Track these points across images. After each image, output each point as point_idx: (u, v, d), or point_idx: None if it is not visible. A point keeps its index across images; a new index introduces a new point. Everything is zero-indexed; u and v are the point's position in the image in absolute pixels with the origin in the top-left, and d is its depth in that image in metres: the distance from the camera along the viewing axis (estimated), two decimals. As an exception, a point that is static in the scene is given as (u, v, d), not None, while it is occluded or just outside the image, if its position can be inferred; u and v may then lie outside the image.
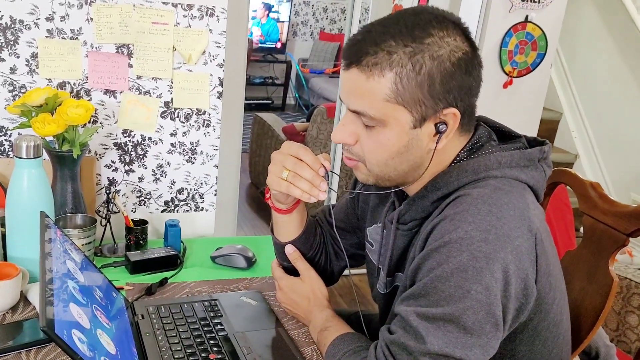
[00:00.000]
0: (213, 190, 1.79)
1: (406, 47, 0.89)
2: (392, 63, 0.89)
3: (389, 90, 0.90)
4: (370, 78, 0.90)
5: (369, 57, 0.90)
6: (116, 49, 1.59)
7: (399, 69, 0.89)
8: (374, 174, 0.99)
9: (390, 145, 0.94)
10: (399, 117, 0.92)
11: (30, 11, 1.50)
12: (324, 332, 1.09)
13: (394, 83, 0.89)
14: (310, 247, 1.24)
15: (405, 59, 0.89)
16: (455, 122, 0.94)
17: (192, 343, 1.11)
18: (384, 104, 0.91)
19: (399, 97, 0.90)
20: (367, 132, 0.95)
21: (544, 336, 1.00)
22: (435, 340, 0.86)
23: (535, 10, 2.85)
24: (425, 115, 0.92)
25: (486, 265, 0.86)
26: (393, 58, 0.89)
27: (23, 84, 1.54)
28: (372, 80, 0.90)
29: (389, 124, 0.92)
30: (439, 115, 0.92)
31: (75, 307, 0.92)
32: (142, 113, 1.65)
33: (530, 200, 0.94)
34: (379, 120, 0.92)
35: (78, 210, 1.45)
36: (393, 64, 0.89)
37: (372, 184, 1.02)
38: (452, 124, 0.94)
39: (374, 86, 0.90)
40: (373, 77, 0.90)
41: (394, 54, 0.89)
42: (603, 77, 3.96)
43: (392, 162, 0.96)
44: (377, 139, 0.94)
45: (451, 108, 0.92)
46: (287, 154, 1.05)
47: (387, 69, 0.89)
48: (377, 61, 0.89)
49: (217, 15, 1.64)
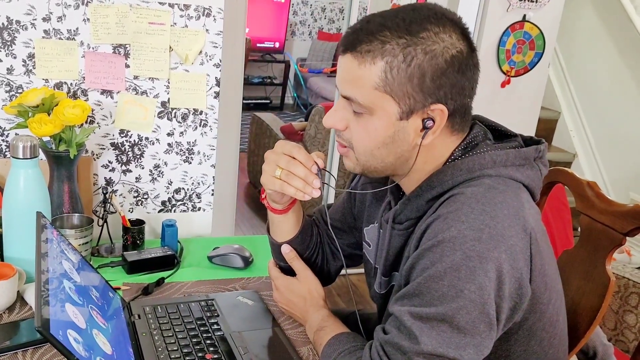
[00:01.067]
0: (210, 190, 1.79)
1: (400, 38, 0.90)
2: (384, 52, 0.90)
3: (379, 78, 0.91)
4: (362, 65, 0.92)
5: (364, 44, 0.91)
6: (113, 49, 1.59)
7: (390, 58, 0.90)
8: (360, 163, 1.00)
9: (377, 135, 0.95)
10: (386, 107, 0.93)
11: (27, 12, 1.50)
12: (320, 331, 1.09)
13: (383, 72, 0.91)
14: (307, 247, 1.24)
15: (397, 49, 0.90)
16: (442, 119, 0.94)
17: (188, 343, 1.11)
18: (373, 92, 0.92)
19: (387, 86, 0.91)
20: (356, 119, 0.97)
21: (540, 336, 1.00)
22: (429, 340, 0.87)
23: (533, 9, 2.85)
24: (413, 108, 0.93)
25: (479, 265, 0.86)
26: (386, 47, 0.90)
27: (20, 85, 1.54)
28: (364, 67, 0.92)
29: (376, 113, 0.94)
30: (427, 110, 0.93)
31: (72, 307, 0.92)
32: (139, 113, 1.65)
33: (525, 200, 0.95)
34: (367, 108, 0.94)
35: (75, 210, 1.45)
36: (385, 52, 0.90)
37: (359, 173, 1.04)
38: (439, 121, 0.94)
39: (364, 73, 0.92)
40: (365, 64, 0.92)
41: (387, 44, 0.90)
42: (601, 76, 3.96)
43: (377, 153, 0.97)
44: (364, 127, 0.96)
45: (439, 104, 0.93)
46: (280, 152, 1.06)
47: (379, 57, 0.91)
48: (370, 49, 0.91)
49: (213, 15, 1.64)
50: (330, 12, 7.26)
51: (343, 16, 7.19)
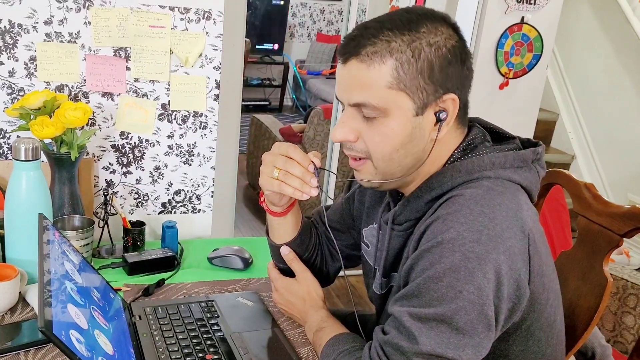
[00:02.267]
0: (210, 191, 1.80)
1: (403, 35, 0.91)
2: (391, 50, 0.91)
3: (390, 76, 0.91)
4: (371, 67, 0.92)
5: (368, 47, 0.92)
6: (114, 52, 1.60)
7: (399, 55, 0.91)
8: (380, 172, 0.99)
9: (395, 136, 0.95)
10: (402, 104, 0.93)
11: (29, 15, 1.51)
12: (319, 332, 1.10)
13: (394, 69, 0.91)
14: (306, 249, 1.25)
15: (403, 45, 0.91)
16: (455, 107, 0.95)
17: (189, 344, 1.11)
18: (387, 92, 0.92)
19: (400, 83, 0.92)
20: (368, 126, 0.96)
21: (538, 336, 1.00)
22: (428, 340, 0.87)
23: (531, 11, 2.86)
24: (427, 101, 0.93)
25: (478, 266, 0.86)
26: (392, 45, 0.91)
27: (22, 87, 1.55)
28: (373, 68, 0.92)
29: (392, 113, 0.93)
30: (439, 102, 0.94)
31: (73, 308, 0.93)
32: (139, 115, 1.66)
33: (523, 201, 0.95)
34: (382, 110, 0.93)
35: (76, 212, 1.46)
36: (393, 50, 0.91)
37: (377, 184, 1.02)
38: (452, 111, 0.95)
39: (375, 74, 0.92)
40: (374, 65, 0.92)
41: (393, 42, 0.91)
42: (599, 77, 3.97)
43: (396, 156, 0.96)
44: (380, 131, 0.95)
45: (451, 94, 0.94)
46: (277, 153, 1.06)
47: (388, 56, 0.91)
48: (377, 50, 0.91)
49: (213, 18, 1.65)
50: (329, 14, 7.27)
51: (342, 18, 7.19)
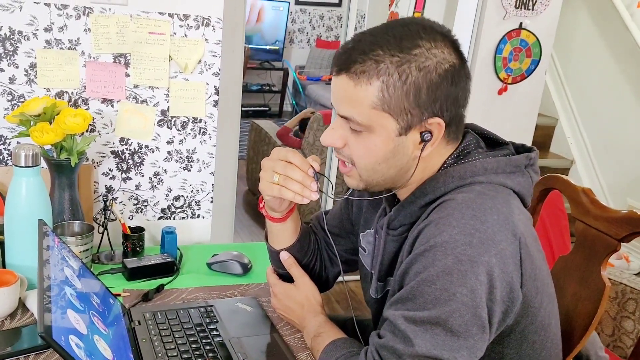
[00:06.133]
0: (209, 197, 1.81)
1: (393, 56, 0.91)
2: (379, 72, 0.91)
3: (376, 97, 0.92)
4: (358, 85, 0.93)
5: (358, 64, 0.92)
6: (113, 58, 1.60)
7: (386, 77, 0.91)
8: (363, 180, 1.02)
9: (377, 151, 0.96)
10: (385, 124, 0.94)
11: (29, 22, 1.52)
12: (318, 337, 1.11)
13: (380, 91, 0.92)
14: (305, 254, 1.25)
15: (392, 68, 0.91)
16: (439, 131, 0.96)
17: (188, 349, 1.12)
18: (371, 111, 0.93)
19: (385, 104, 0.92)
20: (354, 137, 0.98)
21: (532, 339, 1.01)
22: (423, 343, 0.88)
23: (529, 17, 2.87)
24: (411, 123, 0.94)
25: (471, 269, 0.87)
26: (380, 67, 0.91)
27: (22, 94, 1.56)
28: (360, 87, 0.93)
29: (376, 130, 0.95)
30: (424, 124, 0.95)
31: (73, 313, 0.94)
32: (139, 121, 1.67)
33: (515, 206, 0.96)
34: (366, 127, 0.95)
35: (76, 217, 1.47)
36: (380, 72, 0.91)
37: (362, 189, 1.05)
38: (436, 134, 0.96)
39: (361, 93, 0.93)
40: (361, 84, 0.92)
41: (381, 63, 0.91)
42: (598, 82, 3.98)
43: (379, 168, 0.98)
44: (364, 144, 0.97)
45: (436, 118, 0.94)
46: (276, 158, 1.07)
47: (375, 77, 0.91)
48: (365, 69, 0.92)
49: (212, 25, 1.66)
50: (329, 19, 7.29)
51: (341, 24, 7.21)
